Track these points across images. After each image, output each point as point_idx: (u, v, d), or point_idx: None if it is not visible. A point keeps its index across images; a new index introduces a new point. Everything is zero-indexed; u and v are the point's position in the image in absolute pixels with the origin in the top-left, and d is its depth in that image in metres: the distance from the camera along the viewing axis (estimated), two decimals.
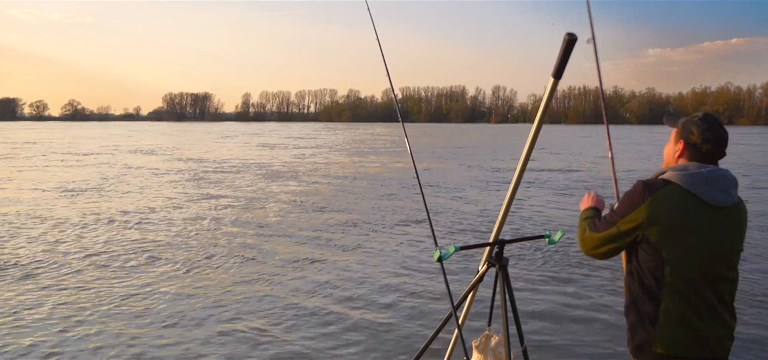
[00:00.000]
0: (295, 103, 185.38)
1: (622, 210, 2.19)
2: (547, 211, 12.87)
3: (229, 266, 7.89)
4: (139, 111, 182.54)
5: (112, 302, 6.29)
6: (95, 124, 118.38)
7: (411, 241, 9.59)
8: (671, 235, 2.10)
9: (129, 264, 7.91)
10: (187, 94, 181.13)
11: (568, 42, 2.20)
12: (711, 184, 2.10)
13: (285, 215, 12.07)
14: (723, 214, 2.12)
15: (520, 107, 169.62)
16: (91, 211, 12.25)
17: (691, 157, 2.19)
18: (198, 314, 5.96)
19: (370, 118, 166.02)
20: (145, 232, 10.09)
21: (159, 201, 13.97)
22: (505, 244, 2.76)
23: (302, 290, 6.83)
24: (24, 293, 6.57)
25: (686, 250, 2.10)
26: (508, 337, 2.65)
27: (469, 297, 3.13)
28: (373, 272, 7.64)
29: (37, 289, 6.75)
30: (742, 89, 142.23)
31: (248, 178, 19.26)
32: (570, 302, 6.40)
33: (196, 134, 64.81)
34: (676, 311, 2.10)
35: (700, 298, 2.11)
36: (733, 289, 2.18)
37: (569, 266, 7.73)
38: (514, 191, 2.72)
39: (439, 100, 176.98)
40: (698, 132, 2.17)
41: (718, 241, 2.12)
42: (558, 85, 2.35)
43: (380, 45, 3.60)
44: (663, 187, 2.14)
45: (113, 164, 24.86)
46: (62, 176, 19.84)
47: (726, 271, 2.15)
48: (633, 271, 2.22)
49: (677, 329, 2.10)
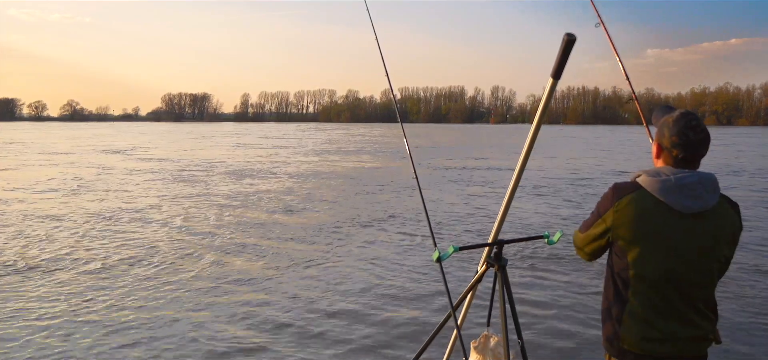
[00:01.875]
0: (294, 103, 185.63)
1: (596, 212, 2.24)
2: (546, 211, 12.88)
3: (218, 267, 7.89)
4: (137, 111, 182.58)
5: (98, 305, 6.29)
6: (79, 125, 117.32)
7: (410, 241, 9.59)
8: (635, 240, 2.12)
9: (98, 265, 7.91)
10: (185, 94, 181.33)
11: (567, 42, 2.19)
12: (681, 191, 2.07)
13: (282, 216, 12.06)
14: (695, 220, 2.09)
15: (519, 107, 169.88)
16: (47, 212, 12.25)
17: (667, 159, 2.16)
18: (190, 317, 5.96)
19: (369, 119, 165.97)
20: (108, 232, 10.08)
21: (130, 200, 13.97)
22: (504, 245, 2.77)
23: (300, 291, 6.82)
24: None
25: (650, 255, 2.11)
26: (507, 338, 2.65)
27: (468, 297, 3.13)
28: (371, 272, 7.64)
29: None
30: (741, 89, 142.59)
31: (237, 180, 19.25)
32: (569, 303, 6.40)
33: (179, 134, 64.76)
34: (640, 312, 2.14)
35: (665, 300, 2.13)
36: (707, 294, 2.18)
37: (568, 267, 7.73)
38: (513, 191, 2.72)
39: (438, 100, 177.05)
40: (669, 135, 2.13)
41: (688, 247, 2.10)
42: (557, 86, 2.35)
43: (379, 45, 3.60)
44: (632, 191, 2.14)
45: (79, 164, 24.85)
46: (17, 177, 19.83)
47: (697, 277, 2.13)
48: (607, 270, 2.30)
49: (641, 328, 2.14)
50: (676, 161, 2.13)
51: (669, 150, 2.13)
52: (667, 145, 2.14)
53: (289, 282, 7.19)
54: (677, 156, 2.12)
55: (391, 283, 7.16)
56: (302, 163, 25.89)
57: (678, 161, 2.12)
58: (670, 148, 2.12)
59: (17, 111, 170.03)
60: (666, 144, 2.14)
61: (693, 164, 2.14)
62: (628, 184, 2.19)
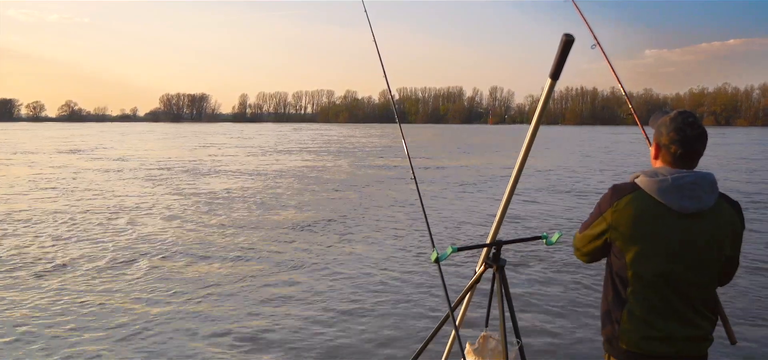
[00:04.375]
0: (293, 103, 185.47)
1: (594, 213, 2.26)
2: (544, 212, 12.88)
3: (217, 268, 7.88)
4: (136, 112, 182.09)
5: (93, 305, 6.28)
6: (74, 125, 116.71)
7: (408, 241, 9.58)
8: (633, 240, 2.13)
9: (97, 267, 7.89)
10: (184, 95, 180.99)
11: (565, 43, 2.20)
12: (679, 191, 2.08)
13: (279, 216, 12.05)
14: (693, 220, 2.10)
15: (517, 108, 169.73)
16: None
17: (665, 159, 2.18)
18: (185, 318, 5.95)
19: (368, 119, 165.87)
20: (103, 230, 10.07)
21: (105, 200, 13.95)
22: (503, 245, 2.76)
23: (296, 292, 6.82)
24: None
25: (649, 255, 2.12)
26: (506, 338, 2.65)
27: (466, 298, 3.13)
28: (369, 273, 7.63)
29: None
30: (739, 90, 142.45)
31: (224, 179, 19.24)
32: (568, 303, 6.40)
33: (158, 135, 64.55)
34: (639, 312, 2.16)
35: (664, 300, 2.14)
36: (706, 294, 2.18)
37: (567, 267, 7.73)
38: (511, 192, 2.72)
39: (436, 100, 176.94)
40: (666, 133, 2.15)
41: (686, 247, 2.11)
42: (555, 86, 2.36)
43: (377, 46, 3.60)
44: (630, 192, 2.16)
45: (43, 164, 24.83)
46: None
47: (696, 277, 2.14)
48: (606, 271, 2.31)
49: (640, 328, 2.15)
50: (674, 158, 2.14)
51: (667, 147, 2.15)
52: (665, 143, 2.16)
53: (285, 282, 7.18)
54: (676, 152, 2.13)
55: (389, 283, 7.15)
56: (327, 165, 25.88)
57: (677, 158, 2.14)
58: (669, 145, 2.14)
59: (15, 112, 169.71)
60: (664, 141, 2.16)
61: (691, 162, 2.15)
62: (626, 184, 2.21)
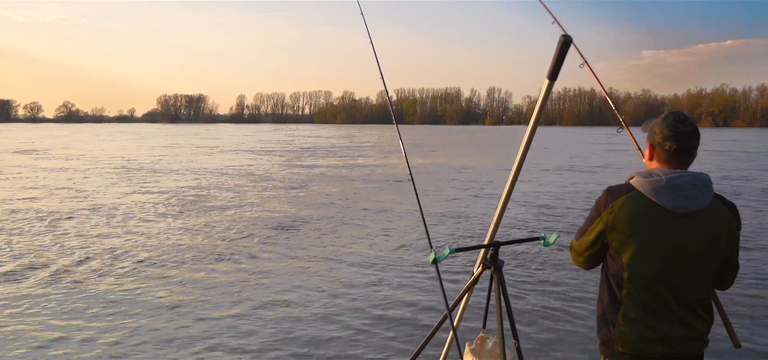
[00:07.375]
0: (290, 104, 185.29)
1: (591, 216, 2.26)
2: (542, 213, 12.89)
3: (215, 268, 7.87)
4: (133, 113, 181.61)
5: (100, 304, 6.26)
6: (66, 126, 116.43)
7: (406, 242, 9.58)
8: (630, 241, 2.14)
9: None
10: (181, 95, 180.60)
11: (563, 44, 2.20)
12: (674, 191, 2.09)
13: (277, 216, 12.04)
14: (688, 220, 2.10)
15: (515, 109, 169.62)
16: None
17: (659, 158, 2.19)
18: (181, 321, 5.94)
19: (365, 120, 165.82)
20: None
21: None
22: (501, 246, 2.76)
23: (295, 292, 6.81)
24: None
25: (644, 256, 2.12)
26: (503, 339, 2.65)
27: (464, 299, 3.12)
28: (367, 274, 7.63)
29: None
30: (737, 91, 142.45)
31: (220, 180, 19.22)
32: (565, 304, 6.41)
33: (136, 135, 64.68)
34: (633, 315, 2.16)
35: (660, 301, 2.14)
36: (701, 294, 2.18)
37: (565, 268, 7.73)
38: (509, 193, 2.71)
39: (433, 101, 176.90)
40: (659, 131, 2.17)
41: (681, 247, 2.11)
42: (553, 87, 2.35)
43: (374, 47, 3.61)
44: (626, 193, 2.17)
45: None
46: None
47: (691, 277, 2.14)
48: (602, 273, 2.32)
49: (636, 329, 2.16)
50: (669, 155, 2.15)
51: (661, 145, 2.16)
52: (659, 141, 2.17)
53: (282, 283, 7.17)
54: (670, 149, 2.14)
55: (387, 284, 7.15)
56: (325, 165, 25.87)
57: (671, 155, 2.15)
58: (663, 142, 2.15)
59: (13, 112, 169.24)
60: (658, 139, 2.17)
61: (686, 159, 2.16)
62: (621, 186, 2.22)
